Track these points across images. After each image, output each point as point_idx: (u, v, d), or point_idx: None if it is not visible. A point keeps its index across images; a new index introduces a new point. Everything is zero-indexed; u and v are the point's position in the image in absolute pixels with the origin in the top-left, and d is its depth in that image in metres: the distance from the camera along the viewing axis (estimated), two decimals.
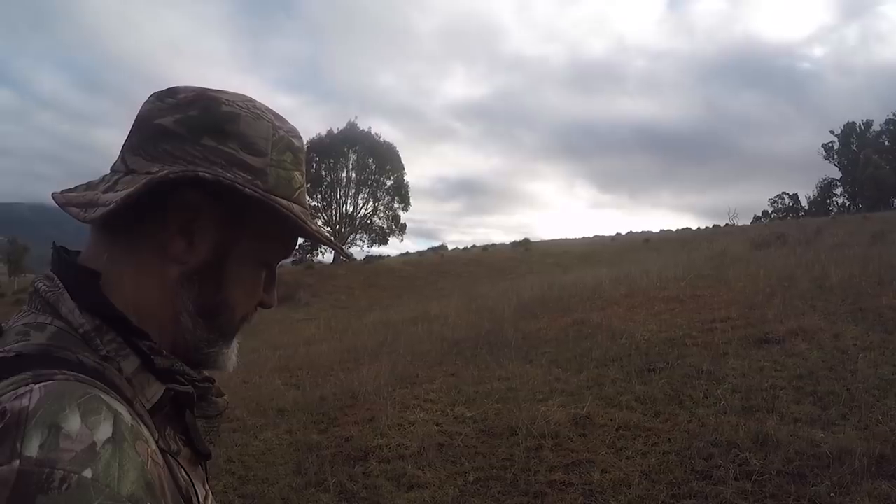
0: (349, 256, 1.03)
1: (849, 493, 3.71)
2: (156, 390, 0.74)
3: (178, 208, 0.77)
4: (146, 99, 0.82)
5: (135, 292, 0.77)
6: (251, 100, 0.84)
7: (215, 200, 0.78)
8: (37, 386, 0.59)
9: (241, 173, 0.78)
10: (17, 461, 0.53)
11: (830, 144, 73.73)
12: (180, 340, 0.81)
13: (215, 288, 0.81)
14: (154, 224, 0.77)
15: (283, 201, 0.81)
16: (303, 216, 0.83)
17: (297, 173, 0.86)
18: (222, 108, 0.79)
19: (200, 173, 0.74)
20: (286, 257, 0.93)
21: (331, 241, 0.92)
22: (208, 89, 0.82)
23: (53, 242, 0.82)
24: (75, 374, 0.64)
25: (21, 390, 0.58)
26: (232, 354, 0.88)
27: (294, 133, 0.88)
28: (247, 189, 0.77)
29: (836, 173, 72.45)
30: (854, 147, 70.78)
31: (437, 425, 5.73)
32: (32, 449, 0.54)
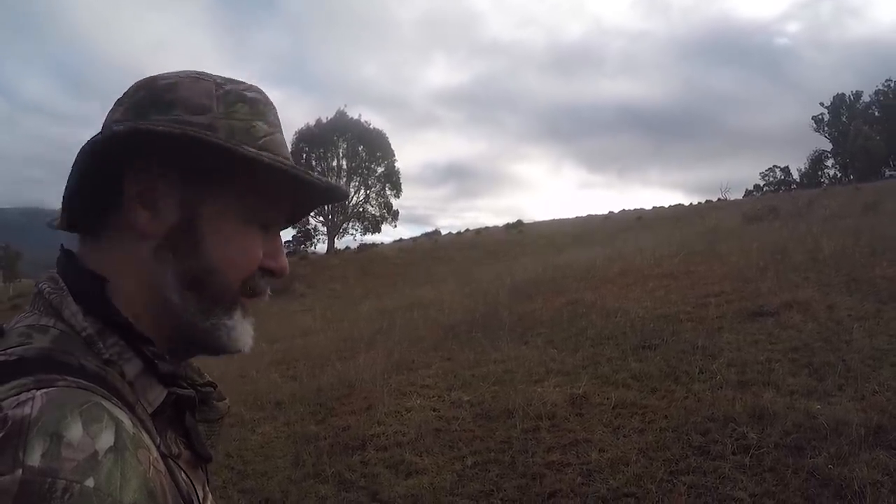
0: (346, 196, 0.94)
1: (847, 463, 3.70)
2: (158, 394, 0.74)
3: (134, 179, 0.76)
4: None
5: (123, 285, 0.76)
6: (189, 70, 0.83)
7: (172, 163, 0.76)
8: (38, 392, 0.58)
9: None
10: (20, 470, 0.52)
11: (820, 116, 73.87)
12: (174, 321, 0.78)
13: (192, 252, 0.77)
14: (117, 207, 0.76)
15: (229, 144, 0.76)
16: (269, 156, 0.78)
17: (259, 123, 0.82)
18: (160, 82, 0.79)
19: (140, 126, 0.72)
20: (281, 214, 0.87)
21: (309, 174, 0.82)
22: (152, 75, 0.82)
23: (61, 245, 0.81)
24: (77, 379, 0.63)
25: (22, 397, 0.57)
26: (240, 328, 0.82)
27: (249, 88, 0.85)
28: (193, 132, 0.73)
29: (826, 145, 72.65)
30: (844, 118, 70.90)
31: (434, 411, 5.73)
32: (34, 458, 0.53)
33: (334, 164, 51.27)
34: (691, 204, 43.22)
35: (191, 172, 0.77)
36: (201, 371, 0.89)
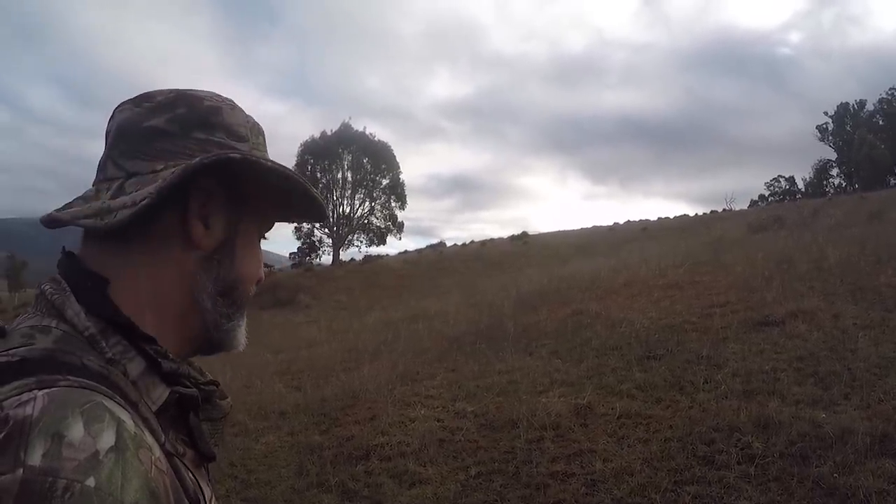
0: (325, 217, 1.03)
1: (852, 472, 3.68)
2: (161, 393, 0.75)
3: (196, 196, 0.81)
4: (117, 109, 0.85)
5: (153, 287, 0.79)
6: (219, 94, 0.89)
7: (224, 184, 0.83)
8: (40, 393, 0.59)
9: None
10: (21, 470, 0.53)
11: (825, 126, 73.80)
12: (199, 323, 0.84)
13: (231, 265, 0.86)
14: (173, 215, 0.80)
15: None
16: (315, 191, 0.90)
17: (267, 154, 0.91)
18: (205, 103, 0.84)
19: (231, 154, 0.79)
20: (270, 228, 0.97)
21: (321, 198, 0.93)
22: (182, 88, 0.85)
23: (63, 247, 0.82)
24: (79, 379, 0.64)
25: (24, 397, 0.58)
26: (244, 330, 0.91)
27: (256, 121, 0.93)
28: (268, 163, 0.82)
29: (831, 154, 72.58)
30: (848, 128, 70.83)
31: (438, 421, 5.71)
32: (35, 458, 0.53)
33: (339, 176, 51.41)
34: (696, 214, 43.21)
35: (236, 194, 0.85)
36: (203, 370, 0.89)
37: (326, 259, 49.94)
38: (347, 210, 51.47)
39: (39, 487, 0.52)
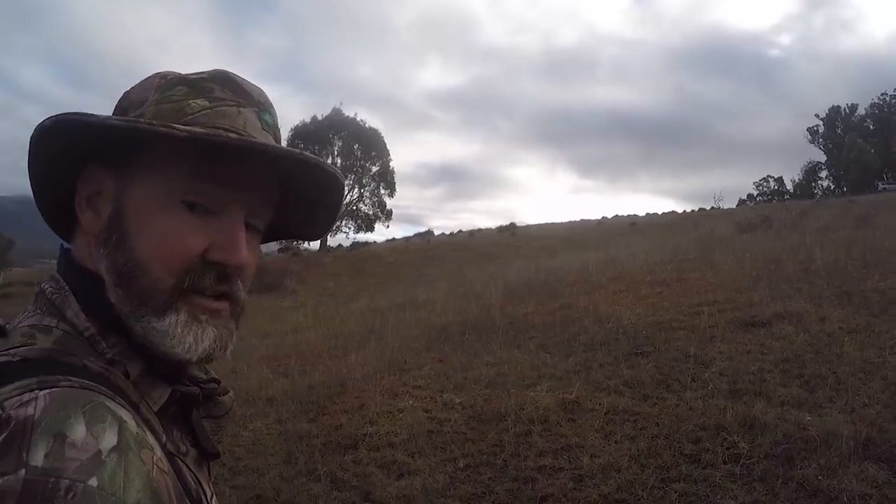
0: (330, 170, 0.82)
1: (836, 475, 3.73)
2: (162, 392, 0.75)
3: (83, 185, 0.78)
4: None
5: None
6: (156, 72, 0.84)
7: (111, 162, 0.77)
8: (41, 393, 0.59)
9: None
10: (23, 470, 0.52)
11: (815, 128, 74.20)
12: (122, 323, 0.74)
13: (119, 245, 0.73)
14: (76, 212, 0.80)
15: (121, 120, 0.72)
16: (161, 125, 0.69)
17: (196, 101, 0.77)
18: (123, 94, 0.82)
19: (33, 132, 0.74)
20: (235, 194, 0.77)
21: (229, 137, 0.72)
22: None
23: (61, 245, 0.83)
24: (80, 380, 0.63)
25: (25, 397, 0.58)
26: (181, 332, 0.73)
27: (202, 73, 0.82)
28: (73, 116, 0.71)
29: (820, 157, 73.04)
30: (839, 131, 71.26)
31: (426, 412, 5.73)
32: (38, 458, 0.53)
33: (329, 161, 51.25)
34: (685, 211, 43.44)
35: (121, 165, 0.76)
36: (205, 367, 0.89)
37: (314, 244, 49.86)
38: None
39: (42, 488, 0.52)
